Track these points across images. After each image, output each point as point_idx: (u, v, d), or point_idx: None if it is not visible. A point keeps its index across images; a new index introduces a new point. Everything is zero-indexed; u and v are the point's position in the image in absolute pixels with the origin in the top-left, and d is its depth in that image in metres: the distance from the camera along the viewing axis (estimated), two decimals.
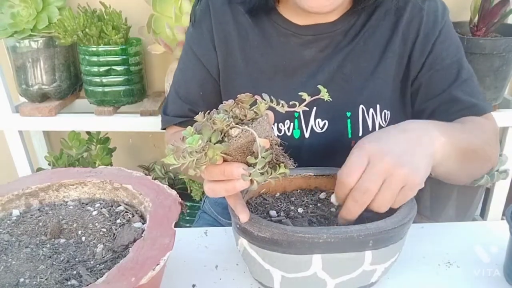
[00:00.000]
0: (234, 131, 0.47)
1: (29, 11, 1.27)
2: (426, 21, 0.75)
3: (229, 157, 0.48)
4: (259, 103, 0.49)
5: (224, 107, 0.49)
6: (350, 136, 0.77)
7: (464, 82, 0.74)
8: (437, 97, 0.75)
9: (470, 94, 0.74)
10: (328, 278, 0.52)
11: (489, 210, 1.51)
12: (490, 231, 0.71)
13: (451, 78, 0.74)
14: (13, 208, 0.60)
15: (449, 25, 0.77)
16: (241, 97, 0.49)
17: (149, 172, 1.59)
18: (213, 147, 0.45)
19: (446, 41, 0.76)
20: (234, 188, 0.49)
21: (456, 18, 1.37)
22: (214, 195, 0.51)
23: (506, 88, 1.33)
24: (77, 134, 1.39)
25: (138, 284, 0.42)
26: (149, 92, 1.51)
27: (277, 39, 0.77)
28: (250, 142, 0.47)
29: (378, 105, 0.76)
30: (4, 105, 1.37)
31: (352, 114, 0.76)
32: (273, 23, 0.77)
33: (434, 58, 0.75)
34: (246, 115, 0.49)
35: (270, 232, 0.50)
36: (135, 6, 1.39)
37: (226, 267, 0.63)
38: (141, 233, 0.52)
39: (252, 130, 0.46)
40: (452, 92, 0.74)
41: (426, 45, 0.75)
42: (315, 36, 0.76)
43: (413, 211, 0.55)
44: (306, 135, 0.77)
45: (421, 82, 0.76)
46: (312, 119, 0.77)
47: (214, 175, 0.49)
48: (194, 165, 0.46)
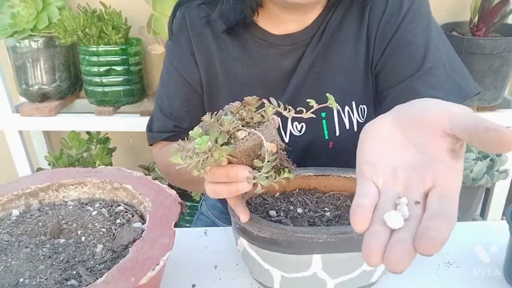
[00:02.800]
0: (241, 134, 0.47)
1: (29, 11, 1.27)
2: (392, 1, 0.70)
3: (234, 159, 0.48)
4: (266, 107, 0.49)
5: (231, 109, 0.49)
6: (327, 137, 0.75)
7: (428, 72, 0.67)
8: (397, 86, 0.69)
9: (433, 86, 0.67)
10: (328, 278, 0.52)
11: (489, 210, 1.51)
12: (490, 231, 0.71)
13: (414, 67, 0.68)
14: (13, 208, 0.60)
15: (420, 4, 0.70)
16: (248, 99, 0.49)
17: (149, 172, 1.58)
18: (220, 148, 0.45)
19: (414, 20, 0.69)
20: (237, 190, 0.48)
21: (456, 18, 1.37)
22: (215, 196, 0.51)
23: (506, 88, 1.33)
24: (77, 134, 1.39)
25: (138, 284, 0.42)
26: (149, 92, 1.51)
27: (256, 51, 0.75)
28: (256, 145, 0.47)
29: (353, 101, 0.73)
30: (4, 105, 1.37)
31: (327, 114, 0.74)
32: (251, 35, 0.75)
33: (399, 40, 0.69)
34: (253, 118, 0.49)
35: (270, 232, 0.50)
36: (135, 6, 1.39)
37: (226, 267, 0.63)
38: (140, 233, 0.52)
39: (259, 134, 0.46)
40: (413, 83, 0.68)
41: (391, 25, 0.69)
42: (292, 46, 0.74)
43: None
44: (286, 140, 0.76)
45: (383, 67, 0.71)
46: (290, 123, 0.75)
47: (217, 176, 0.49)
48: (199, 166, 0.46)
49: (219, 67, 0.76)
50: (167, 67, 0.81)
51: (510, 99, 1.42)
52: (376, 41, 0.71)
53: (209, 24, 0.75)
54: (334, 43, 0.73)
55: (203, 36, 0.76)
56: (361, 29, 0.72)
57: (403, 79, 0.69)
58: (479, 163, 1.33)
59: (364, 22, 0.71)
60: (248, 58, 0.75)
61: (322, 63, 0.73)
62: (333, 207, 0.63)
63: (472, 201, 1.41)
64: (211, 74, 0.77)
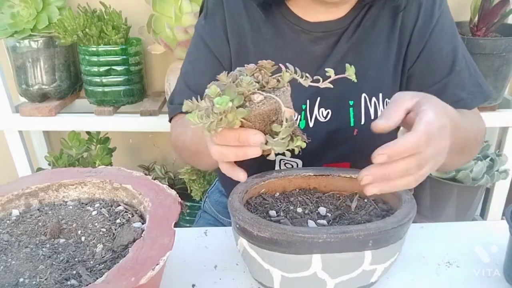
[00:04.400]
0: (257, 97, 0.45)
1: (29, 11, 1.27)
2: (425, 8, 0.75)
3: (247, 123, 0.46)
4: (283, 73, 0.47)
5: (246, 71, 0.47)
6: (352, 125, 0.77)
7: (457, 75, 0.75)
8: (429, 89, 0.75)
9: (460, 87, 0.75)
10: (328, 278, 0.52)
11: (489, 210, 1.51)
12: (490, 231, 0.71)
13: (445, 71, 0.75)
14: (12, 208, 0.60)
15: (447, 12, 0.77)
16: (263, 63, 0.47)
17: (149, 172, 1.59)
18: (235, 110, 0.44)
19: (444, 29, 0.76)
20: (245, 154, 0.48)
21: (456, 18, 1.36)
22: (221, 158, 0.50)
23: (506, 88, 1.33)
24: (77, 134, 1.38)
25: (138, 284, 0.42)
26: (149, 92, 1.51)
27: (288, 34, 0.78)
28: (272, 110, 0.46)
29: (380, 94, 0.77)
30: (4, 105, 1.37)
31: (355, 103, 0.77)
32: (284, 19, 0.78)
33: (431, 47, 0.75)
34: (268, 82, 0.47)
35: (270, 232, 0.50)
36: (135, 6, 1.39)
37: (226, 267, 0.63)
38: (140, 233, 0.52)
39: (277, 98, 0.45)
40: (445, 85, 0.75)
41: (424, 33, 0.75)
42: (324, 33, 0.77)
43: (413, 211, 0.55)
44: (311, 125, 0.78)
45: (416, 70, 0.77)
46: (316, 108, 0.77)
47: (228, 139, 0.48)
48: (212, 127, 0.44)
49: (252, 47, 0.79)
50: (196, 45, 0.82)
51: (510, 99, 1.42)
52: (409, 46, 0.77)
53: (244, 6, 0.78)
54: (368, 39, 0.76)
55: (238, 17, 0.79)
56: (393, 31, 0.76)
57: (437, 82, 0.76)
58: (479, 163, 1.33)
59: (397, 26, 0.76)
60: (281, 40, 0.78)
61: (355, 55, 0.77)
62: (333, 207, 0.63)
63: (472, 201, 1.41)
64: (242, 54, 0.79)
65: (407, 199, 0.57)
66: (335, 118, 0.78)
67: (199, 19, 0.84)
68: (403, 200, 0.57)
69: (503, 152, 1.41)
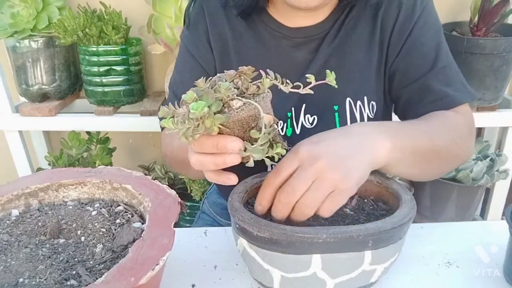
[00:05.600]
0: (236, 103, 0.44)
1: (29, 11, 1.27)
2: (406, 5, 0.74)
3: (225, 129, 0.45)
4: (264, 79, 0.46)
5: (225, 77, 0.46)
6: None
7: (440, 70, 0.73)
8: (412, 85, 0.74)
9: (446, 83, 0.72)
10: (328, 278, 0.52)
11: (489, 210, 1.52)
12: (490, 231, 0.71)
13: (427, 66, 0.73)
14: (12, 208, 0.60)
15: (430, 8, 0.76)
16: (243, 69, 0.46)
17: (149, 172, 1.59)
18: (212, 116, 0.43)
19: (426, 25, 0.74)
20: (224, 162, 0.47)
21: (456, 18, 1.37)
22: (200, 168, 0.50)
23: (506, 88, 1.33)
24: (77, 134, 1.39)
25: (138, 284, 0.42)
26: (149, 92, 1.51)
27: (270, 41, 0.78)
28: (251, 117, 0.45)
29: (365, 97, 0.76)
30: (4, 105, 1.37)
31: (340, 108, 0.76)
32: (265, 25, 0.77)
33: (412, 43, 0.74)
34: (248, 88, 0.46)
35: (270, 232, 0.50)
36: (135, 6, 1.39)
37: (226, 267, 0.63)
38: (140, 233, 0.52)
39: (256, 104, 0.44)
40: (427, 81, 0.72)
41: (404, 30, 0.74)
42: (305, 39, 0.76)
43: (413, 211, 0.55)
44: (297, 132, 0.77)
45: (398, 67, 0.75)
46: (302, 115, 0.77)
47: (205, 147, 0.47)
48: (189, 133, 0.43)
49: (234, 55, 0.79)
50: (182, 55, 0.83)
51: (510, 99, 1.42)
52: (390, 44, 0.75)
53: (225, 14, 0.78)
54: (350, 42, 0.76)
55: (219, 26, 0.79)
56: (374, 32, 0.75)
57: (418, 78, 0.73)
58: (479, 163, 1.33)
59: (377, 26, 0.75)
60: (263, 47, 0.78)
61: (337, 59, 0.76)
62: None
63: (472, 201, 1.42)
64: (225, 62, 0.79)
65: (407, 199, 0.57)
66: (321, 124, 0.77)
67: (183, 29, 0.84)
68: (403, 200, 0.57)
69: (503, 152, 1.41)
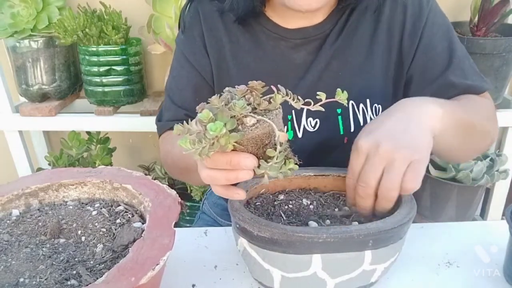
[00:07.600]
0: (249, 120, 0.44)
1: (29, 11, 1.27)
2: (412, 9, 0.74)
3: (239, 146, 0.45)
4: (275, 95, 0.46)
5: (237, 93, 0.46)
6: (342, 133, 0.77)
7: (456, 66, 0.74)
8: (433, 84, 0.75)
9: (464, 77, 0.74)
10: (328, 278, 0.52)
11: (489, 210, 1.52)
12: (490, 231, 0.71)
13: (444, 64, 0.74)
14: (13, 208, 0.60)
15: (435, 9, 0.76)
16: (254, 83, 0.46)
17: (149, 172, 1.59)
18: (228, 135, 0.43)
19: (435, 26, 0.75)
20: (236, 178, 0.48)
21: (456, 18, 1.37)
22: (211, 182, 0.50)
23: (506, 88, 1.33)
24: (77, 134, 1.39)
25: (138, 284, 0.42)
26: (149, 92, 1.51)
27: (267, 43, 0.77)
28: (265, 134, 0.45)
29: (368, 99, 0.76)
30: (4, 105, 1.37)
31: (343, 111, 0.76)
32: (262, 28, 0.77)
33: (425, 46, 0.75)
34: (260, 104, 0.46)
35: (270, 232, 0.50)
36: (135, 6, 1.39)
37: (226, 267, 0.63)
38: (140, 233, 0.52)
39: (270, 122, 0.44)
40: (447, 78, 0.74)
41: (415, 34, 0.75)
42: (304, 40, 0.76)
43: (413, 211, 0.55)
44: (299, 135, 0.77)
45: (415, 71, 0.76)
46: (304, 118, 0.77)
47: (219, 163, 0.47)
48: (204, 152, 0.43)
49: (231, 59, 0.78)
50: (178, 60, 0.82)
51: (510, 99, 1.42)
52: (403, 50, 0.76)
53: (221, 18, 0.78)
54: (351, 45, 0.76)
55: (215, 30, 0.78)
56: (376, 35, 0.76)
57: (436, 77, 0.75)
58: (479, 163, 1.33)
59: (382, 30, 0.75)
60: (260, 50, 0.78)
61: (339, 62, 0.76)
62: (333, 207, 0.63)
63: (472, 201, 1.41)
64: (222, 66, 0.79)
65: (407, 199, 0.57)
66: (324, 127, 0.77)
67: (178, 33, 0.84)
68: (403, 200, 0.57)
69: (503, 152, 1.41)
